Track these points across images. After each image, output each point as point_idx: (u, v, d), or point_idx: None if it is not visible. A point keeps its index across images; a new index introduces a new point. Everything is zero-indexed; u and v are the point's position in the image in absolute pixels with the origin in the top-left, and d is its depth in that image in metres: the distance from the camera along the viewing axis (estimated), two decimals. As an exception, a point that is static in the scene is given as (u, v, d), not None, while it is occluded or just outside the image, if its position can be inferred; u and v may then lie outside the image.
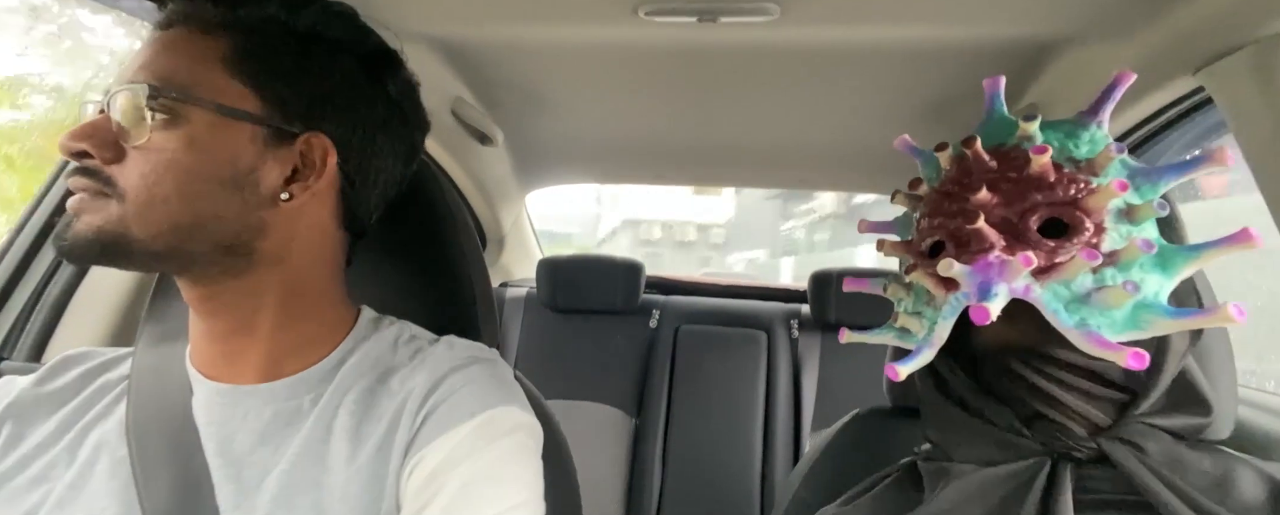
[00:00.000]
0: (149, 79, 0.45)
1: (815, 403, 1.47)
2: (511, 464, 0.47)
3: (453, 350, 0.53)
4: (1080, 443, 0.46)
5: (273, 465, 0.47)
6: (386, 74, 0.53)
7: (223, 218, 0.47)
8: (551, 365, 1.55)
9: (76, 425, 0.50)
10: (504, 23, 0.85)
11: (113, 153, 0.45)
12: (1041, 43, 0.83)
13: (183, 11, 0.48)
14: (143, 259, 0.46)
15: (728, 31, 0.82)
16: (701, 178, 1.60)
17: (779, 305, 1.62)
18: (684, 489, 1.44)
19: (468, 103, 1.12)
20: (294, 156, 0.49)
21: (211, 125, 0.46)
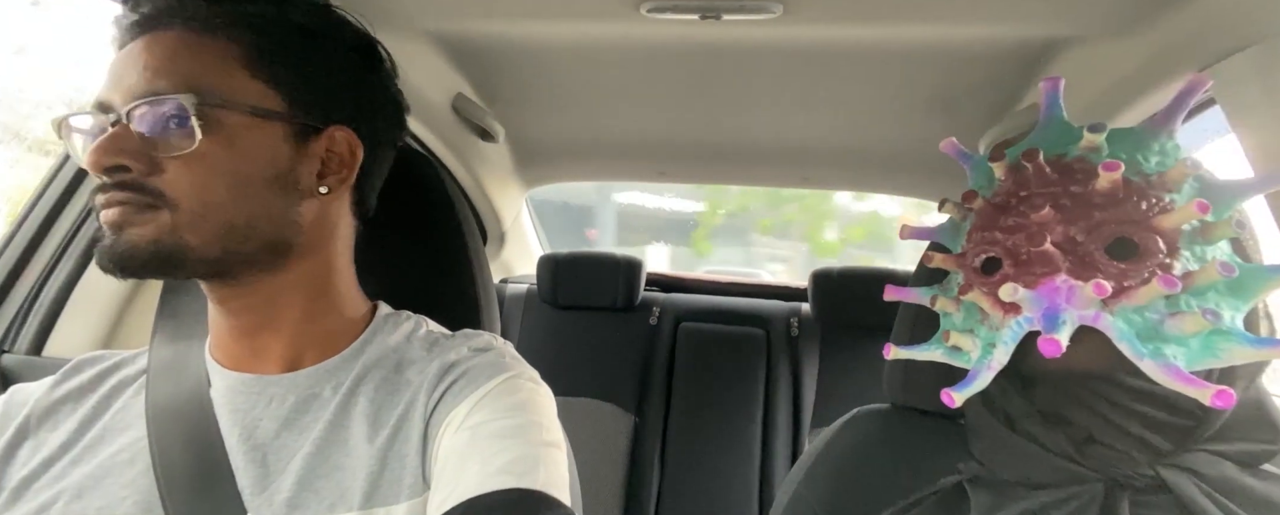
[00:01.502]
0: (177, 86, 0.44)
1: (815, 401, 1.47)
2: (536, 411, 0.49)
3: (468, 340, 0.55)
4: (1139, 470, 0.44)
5: (297, 449, 0.47)
6: (376, 61, 0.55)
7: (271, 217, 0.48)
8: (551, 362, 1.55)
9: (98, 421, 0.51)
10: (506, 19, 0.84)
11: (148, 164, 0.44)
12: (1046, 41, 0.82)
13: (176, 11, 0.47)
14: (195, 266, 0.46)
15: (730, 29, 0.82)
16: (703, 176, 1.60)
17: (779, 303, 1.62)
18: (683, 486, 1.44)
19: (469, 99, 1.12)
20: (320, 151, 0.50)
21: (247, 127, 0.46)
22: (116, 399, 0.52)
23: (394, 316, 0.57)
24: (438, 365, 0.51)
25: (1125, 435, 0.44)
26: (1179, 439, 0.44)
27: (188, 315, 0.58)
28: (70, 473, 0.48)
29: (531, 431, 0.47)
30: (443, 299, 0.63)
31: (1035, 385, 0.48)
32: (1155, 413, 0.44)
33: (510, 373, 0.51)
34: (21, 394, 0.53)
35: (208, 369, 0.52)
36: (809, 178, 1.56)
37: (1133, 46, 0.77)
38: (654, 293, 1.68)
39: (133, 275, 0.46)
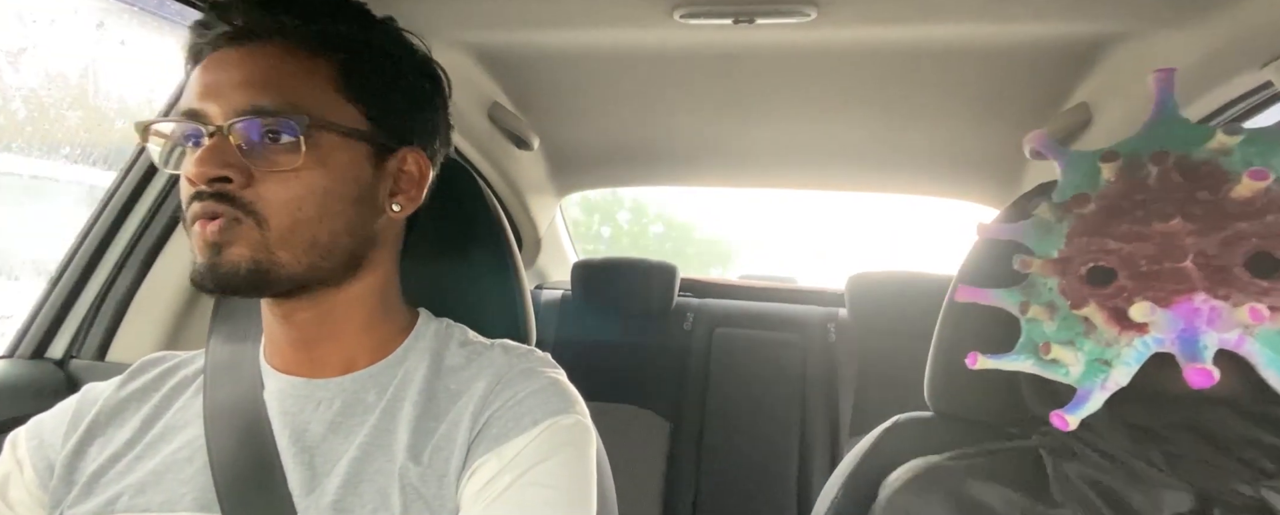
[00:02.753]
0: (281, 103, 0.46)
1: (853, 408, 1.44)
2: (566, 474, 0.48)
3: (509, 355, 0.55)
4: (1237, 489, 0.41)
5: (343, 452, 0.49)
6: (437, 83, 0.56)
7: (352, 234, 0.50)
8: (587, 368, 1.55)
9: (160, 420, 0.53)
10: (539, 28, 0.86)
11: (246, 177, 0.46)
12: (1094, 38, 0.79)
13: (272, 26, 0.48)
14: (282, 284, 0.48)
15: (764, 33, 0.81)
16: (738, 180, 1.59)
17: (816, 308, 1.60)
18: (720, 493, 1.43)
19: (504, 107, 1.14)
20: (395, 170, 0.52)
21: (338, 147, 0.48)
22: (177, 398, 0.55)
23: (435, 323, 0.58)
24: (485, 384, 0.51)
25: (1227, 456, 0.42)
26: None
27: (242, 318, 0.60)
28: (134, 469, 0.50)
29: (561, 505, 0.47)
30: (481, 306, 0.64)
31: (1125, 404, 0.44)
32: (1264, 435, 0.41)
33: (553, 417, 0.50)
34: (92, 392, 0.56)
35: (261, 372, 0.54)
36: (846, 181, 1.53)
37: (1187, 41, 0.74)
38: (688, 298, 1.67)
39: (233, 294, 0.47)
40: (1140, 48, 0.78)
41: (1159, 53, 0.77)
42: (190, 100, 0.47)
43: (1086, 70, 0.87)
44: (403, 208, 0.53)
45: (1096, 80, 0.88)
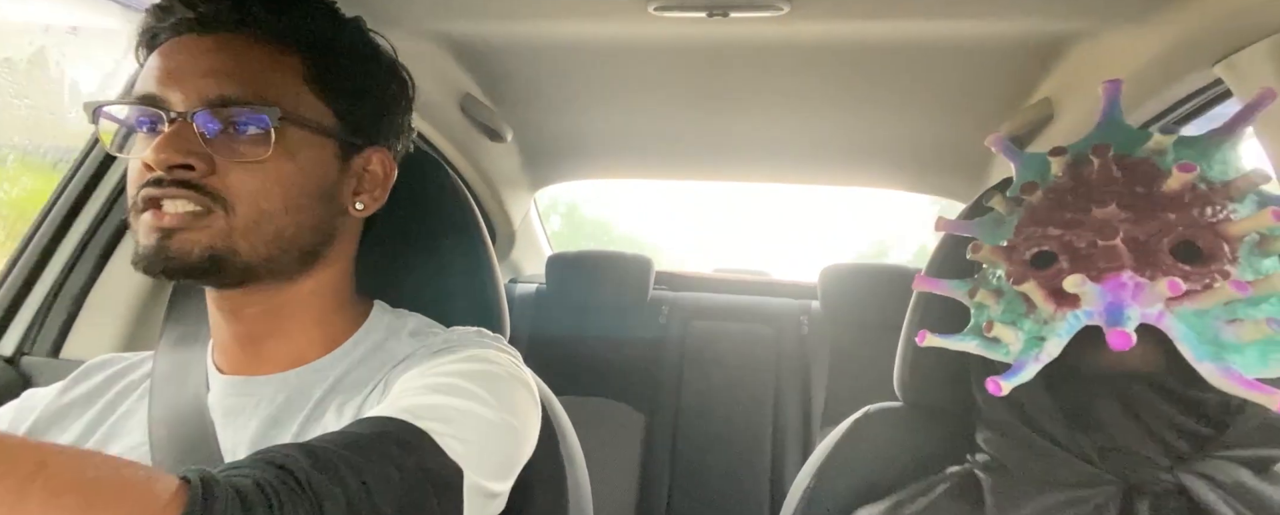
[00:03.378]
0: (250, 94, 0.45)
1: (825, 398, 1.47)
2: (464, 379, 0.46)
3: (454, 332, 0.55)
4: (1158, 475, 0.44)
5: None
6: (403, 82, 0.56)
7: (315, 229, 0.49)
8: (562, 362, 1.55)
9: (102, 427, 0.52)
10: (513, 19, 0.85)
11: (209, 166, 0.45)
12: (1055, 36, 0.82)
13: (238, 17, 0.47)
14: (238, 273, 0.47)
15: (737, 26, 0.81)
16: (711, 174, 1.60)
17: (789, 301, 1.62)
18: (695, 484, 1.44)
19: (477, 99, 1.12)
20: (360, 169, 0.52)
21: (306, 142, 0.48)
22: (122, 403, 0.53)
23: (389, 315, 0.57)
24: (416, 346, 0.52)
25: (1151, 439, 0.44)
26: (1199, 445, 0.44)
27: (193, 320, 0.58)
28: None
29: (462, 393, 0.44)
30: (454, 300, 0.63)
31: (1063, 383, 0.47)
32: (1183, 418, 0.44)
33: (482, 347, 0.50)
34: (32, 399, 0.54)
35: (208, 375, 0.53)
36: (816, 175, 1.55)
37: (1145, 39, 0.76)
38: (663, 292, 1.68)
39: (182, 278, 0.46)
40: (1099, 45, 0.81)
41: (1117, 50, 0.80)
42: (149, 85, 0.46)
43: (1049, 67, 0.89)
44: (366, 207, 0.53)
45: (1058, 77, 0.90)
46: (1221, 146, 0.45)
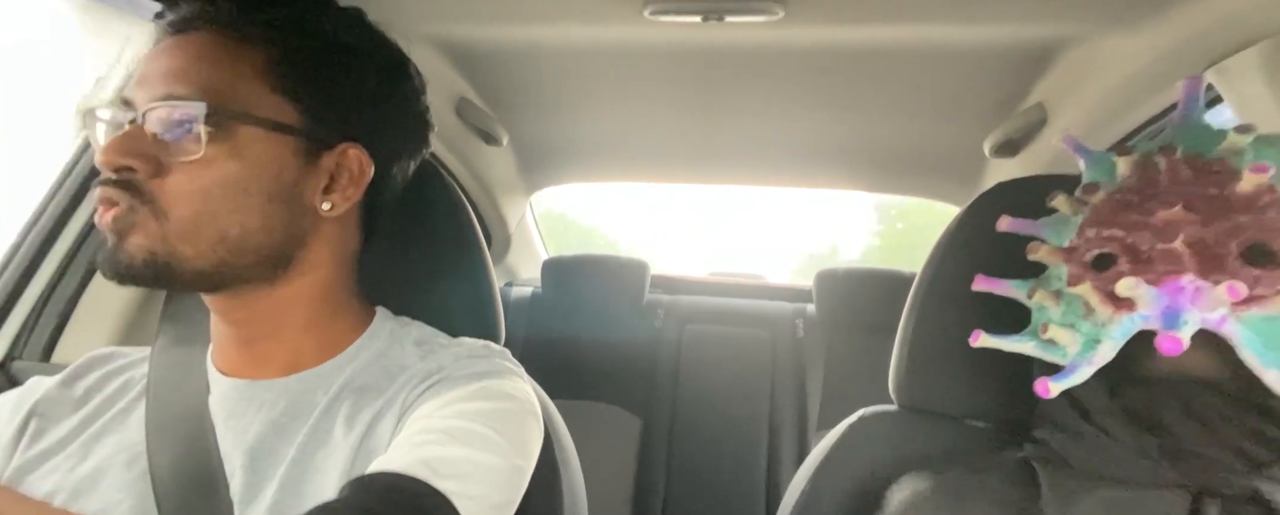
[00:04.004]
0: (193, 92, 0.44)
1: (820, 402, 1.47)
2: (479, 422, 0.46)
3: (462, 345, 0.55)
4: (1232, 480, 0.42)
5: (284, 454, 0.47)
6: (402, 77, 0.54)
7: (270, 231, 0.47)
8: (558, 365, 1.55)
9: (97, 421, 0.51)
10: (509, 23, 0.85)
11: (154, 167, 0.44)
12: (1049, 40, 0.82)
13: (208, 14, 0.47)
14: (189, 278, 0.46)
15: (733, 31, 0.82)
16: (706, 177, 1.60)
17: (784, 304, 1.62)
18: (690, 488, 1.44)
19: (472, 103, 1.12)
20: (330, 167, 0.49)
21: (258, 139, 0.46)
22: (120, 399, 0.53)
23: (392, 322, 0.57)
24: (425, 367, 0.51)
25: (1220, 444, 0.42)
26: (1276, 453, 0.42)
27: (190, 320, 0.58)
28: (63, 467, 0.48)
29: (478, 440, 0.44)
30: (448, 303, 0.63)
31: (1125, 387, 0.45)
32: (1259, 425, 0.42)
33: (493, 378, 0.50)
34: (36, 385, 0.54)
35: (207, 376, 0.52)
36: (811, 178, 1.55)
37: (1138, 43, 0.77)
38: (659, 295, 1.68)
39: (131, 284, 0.45)
40: (1092, 50, 0.81)
41: (1109, 55, 0.80)
42: (125, 89, 0.46)
43: (1042, 71, 0.89)
44: (335, 206, 0.50)
45: (1051, 81, 0.91)
46: None
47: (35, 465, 0.49)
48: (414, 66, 0.55)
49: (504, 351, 0.56)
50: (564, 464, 0.61)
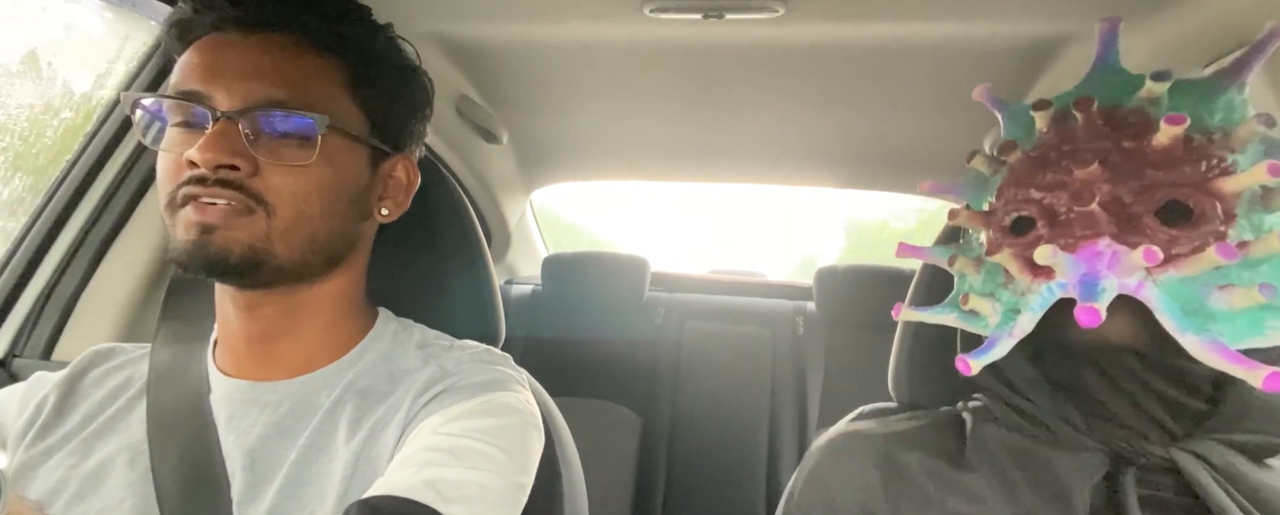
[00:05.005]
0: (292, 97, 0.45)
1: (820, 399, 1.47)
2: (484, 440, 0.46)
3: (464, 351, 0.55)
4: (1148, 450, 0.42)
5: (285, 457, 0.48)
6: (429, 93, 0.57)
7: (346, 235, 0.51)
8: (558, 363, 1.55)
9: (99, 417, 0.52)
10: (509, 20, 0.85)
11: (253, 167, 0.45)
12: (1049, 38, 0.82)
13: (287, 18, 0.47)
14: (272, 274, 0.47)
15: (733, 28, 0.82)
16: (707, 175, 1.60)
17: (784, 302, 1.62)
18: (691, 485, 1.44)
19: (473, 100, 1.12)
20: (386, 175, 0.53)
21: (344, 148, 0.48)
22: (121, 396, 0.53)
23: (395, 323, 0.57)
24: (428, 374, 0.51)
25: (1139, 413, 0.42)
26: (1193, 423, 0.42)
27: (191, 317, 0.58)
28: (69, 465, 0.49)
29: (483, 460, 0.45)
30: (449, 301, 0.63)
31: (1046, 355, 0.45)
32: (1175, 394, 0.41)
33: (497, 390, 0.50)
34: (41, 381, 0.55)
35: (209, 375, 0.52)
36: (812, 176, 1.55)
37: (1138, 41, 0.77)
38: (659, 293, 1.68)
39: (218, 277, 0.47)
40: (1091, 47, 0.81)
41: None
42: (189, 80, 0.46)
43: (1041, 69, 0.89)
44: (390, 212, 0.54)
45: (1052, 78, 0.91)
46: (1226, 91, 0.40)
47: (40, 461, 0.49)
48: (428, 79, 0.57)
49: (505, 357, 0.56)
50: (564, 462, 0.61)
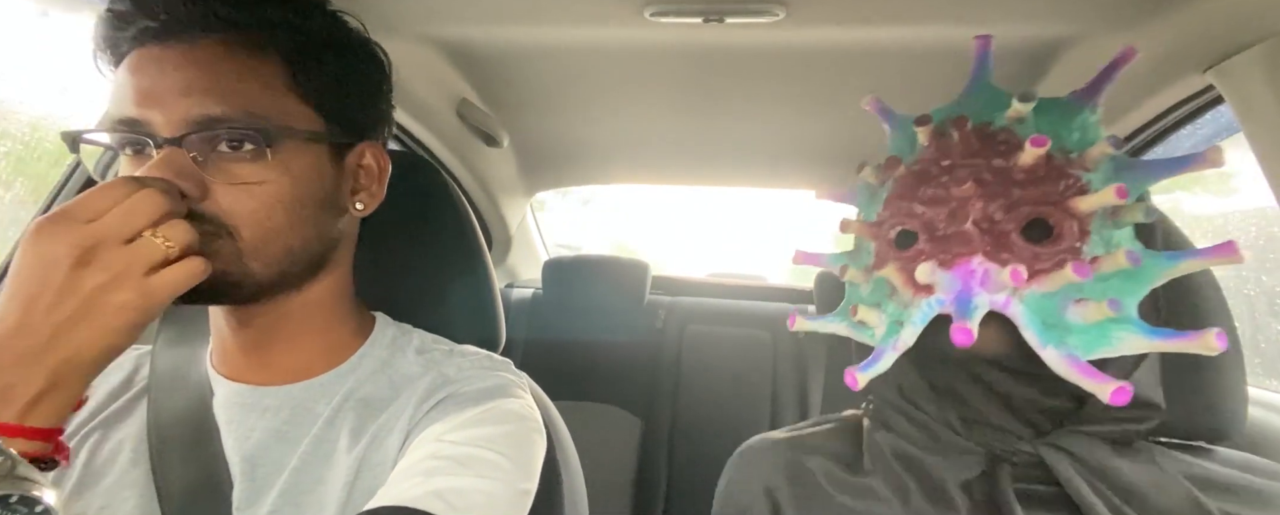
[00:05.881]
0: (232, 110, 0.43)
1: (822, 403, 1.47)
2: (490, 448, 0.46)
3: (464, 357, 0.54)
4: (1020, 447, 0.45)
5: (285, 463, 0.47)
6: (383, 67, 0.54)
7: (322, 239, 0.49)
8: (558, 367, 1.55)
9: (101, 415, 0.51)
10: (509, 24, 0.85)
11: (202, 190, 0.43)
12: (1048, 41, 0.82)
13: (208, 19, 0.44)
14: (251, 292, 0.46)
15: (733, 32, 0.82)
16: (707, 179, 1.60)
17: (786, 305, 1.62)
18: (691, 489, 1.44)
19: (473, 104, 1.12)
20: (353, 166, 0.51)
21: (299, 152, 0.46)
22: (122, 395, 0.53)
23: (393, 328, 0.56)
24: (429, 381, 0.51)
25: (1011, 414, 0.46)
26: (1059, 419, 0.46)
27: (189, 320, 0.58)
28: (72, 465, 0.48)
29: (489, 469, 0.44)
30: (449, 305, 0.63)
31: (929, 363, 0.48)
32: (1041, 398, 0.45)
33: (500, 397, 0.49)
34: None
35: (209, 378, 0.52)
36: (812, 181, 1.55)
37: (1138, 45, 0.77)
38: (660, 296, 1.68)
39: (190, 303, 0.44)
40: (1091, 51, 0.81)
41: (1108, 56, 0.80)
42: (125, 108, 0.43)
43: (1041, 72, 0.89)
44: (366, 205, 0.52)
45: (1051, 81, 0.91)
46: (1081, 111, 0.43)
47: None
48: (385, 55, 0.54)
49: (506, 362, 0.56)
50: (565, 466, 0.61)
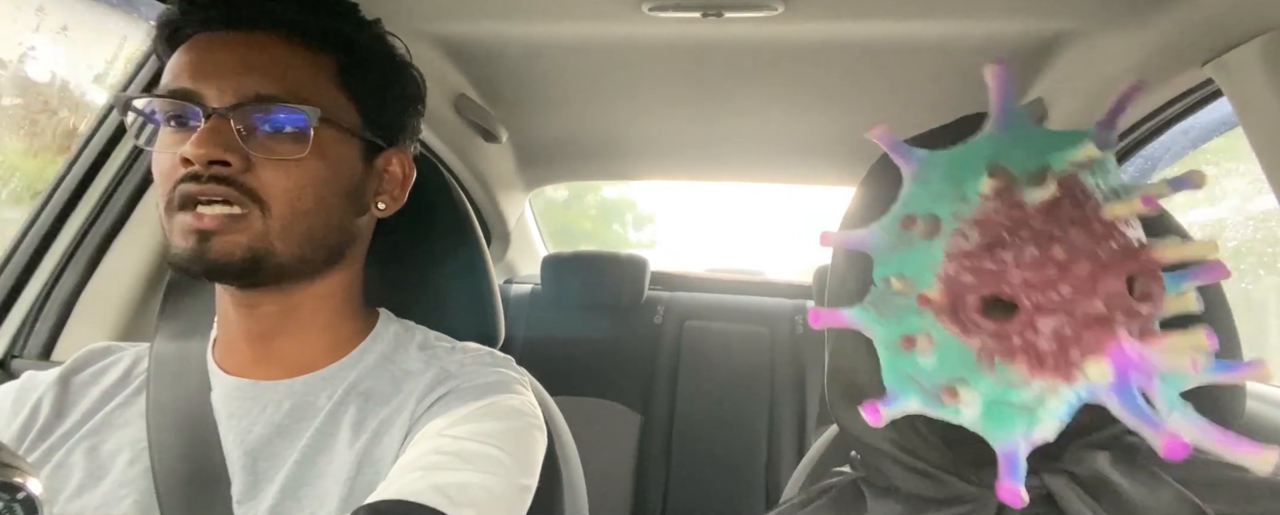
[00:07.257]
0: (283, 91, 0.46)
1: (819, 399, 1.47)
2: (491, 444, 0.46)
3: (466, 353, 0.55)
4: (1029, 483, 0.42)
5: (286, 457, 0.48)
6: (422, 87, 0.57)
7: (342, 229, 0.50)
8: (557, 362, 1.55)
9: (97, 415, 0.51)
10: (508, 19, 0.84)
11: (245, 163, 0.45)
12: (1048, 35, 0.82)
13: (275, 14, 0.48)
14: (272, 272, 0.47)
15: (732, 27, 0.82)
16: (706, 174, 1.60)
17: (784, 301, 1.62)
18: (690, 484, 1.44)
19: (471, 99, 1.12)
20: (381, 169, 0.53)
21: (337, 141, 0.48)
22: (118, 393, 0.53)
23: (396, 324, 0.57)
24: (431, 376, 0.51)
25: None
26: (1063, 441, 0.39)
27: (190, 314, 0.58)
28: (70, 463, 0.48)
29: (490, 464, 0.45)
30: (448, 301, 0.63)
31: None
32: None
33: (501, 393, 0.50)
34: (33, 381, 0.54)
35: (208, 373, 0.52)
36: (811, 175, 1.55)
37: (1136, 39, 0.77)
38: (658, 292, 1.68)
39: (217, 280, 0.47)
40: (1090, 45, 0.81)
41: (1108, 50, 0.80)
42: (179, 79, 0.46)
43: (1042, 66, 0.89)
44: (387, 207, 0.54)
45: (1051, 76, 0.91)
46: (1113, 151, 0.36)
47: (43, 461, 0.49)
48: (418, 74, 0.57)
49: (507, 359, 0.56)
50: (564, 461, 0.61)
